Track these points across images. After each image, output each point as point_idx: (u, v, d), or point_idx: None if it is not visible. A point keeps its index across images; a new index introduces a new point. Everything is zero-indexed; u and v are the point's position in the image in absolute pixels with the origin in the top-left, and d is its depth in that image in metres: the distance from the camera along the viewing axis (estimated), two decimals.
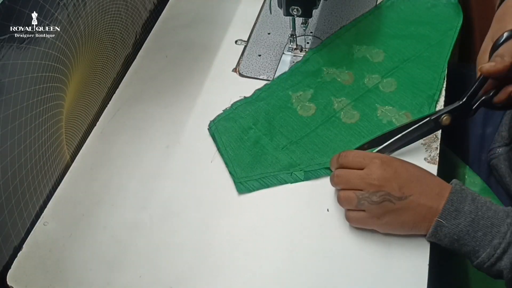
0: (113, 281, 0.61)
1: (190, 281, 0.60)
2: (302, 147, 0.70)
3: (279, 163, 0.69)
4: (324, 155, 0.69)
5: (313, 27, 0.87)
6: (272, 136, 0.71)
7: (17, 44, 0.59)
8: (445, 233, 0.56)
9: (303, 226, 0.64)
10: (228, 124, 0.73)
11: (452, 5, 0.85)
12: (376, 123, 0.72)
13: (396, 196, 0.58)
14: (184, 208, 0.67)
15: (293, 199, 0.66)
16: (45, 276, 0.62)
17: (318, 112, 0.73)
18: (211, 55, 0.84)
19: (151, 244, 0.64)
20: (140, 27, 0.90)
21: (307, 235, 0.63)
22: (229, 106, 0.75)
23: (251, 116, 0.74)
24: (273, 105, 0.75)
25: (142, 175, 0.70)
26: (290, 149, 0.70)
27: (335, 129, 0.72)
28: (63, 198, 0.69)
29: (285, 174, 0.68)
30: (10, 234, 0.63)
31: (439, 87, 0.75)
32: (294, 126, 0.72)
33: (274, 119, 0.73)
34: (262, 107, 0.75)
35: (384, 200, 0.58)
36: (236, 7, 0.92)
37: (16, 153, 0.62)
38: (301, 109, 0.74)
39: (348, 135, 0.71)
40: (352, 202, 0.60)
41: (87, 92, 0.78)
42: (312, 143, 0.70)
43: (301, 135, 0.71)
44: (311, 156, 0.69)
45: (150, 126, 0.76)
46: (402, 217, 0.58)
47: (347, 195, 0.60)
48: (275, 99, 0.76)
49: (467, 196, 0.57)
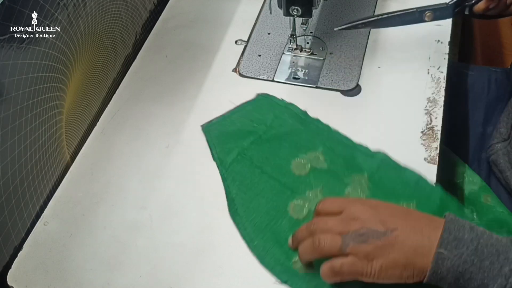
0: (113, 281, 0.61)
1: (190, 281, 0.60)
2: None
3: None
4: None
5: (313, 27, 0.87)
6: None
7: (17, 44, 0.59)
8: (448, 267, 0.49)
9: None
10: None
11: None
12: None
13: (380, 231, 0.52)
14: (184, 208, 0.67)
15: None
16: (45, 276, 0.62)
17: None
18: (211, 55, 0.84)
19: (151, 244, 0.64)
20: (140, 27, 0.90)
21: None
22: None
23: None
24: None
25: (142, 175, 0.70)
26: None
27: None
28: (63, 198, 0.69)
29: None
30: (10, 234, 0.63)
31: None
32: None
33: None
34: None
35: (369, 237, 0.52)
36: (236, 7, 0.92)
37: (16, 153, 0.62)
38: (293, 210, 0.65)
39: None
40: (336, 244, 0.53)
41: (87, 92, 0.78)
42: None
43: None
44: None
45: (150, 126, 0.76)
46: (391, 254, 0.51)
47: (329, 237, 0.54)
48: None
49: (465, 225, 0.51)
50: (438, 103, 0.74)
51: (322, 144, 0.69)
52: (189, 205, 0.67)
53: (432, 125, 0.71)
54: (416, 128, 0.71)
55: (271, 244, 0.62)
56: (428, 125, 0.71)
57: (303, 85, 0.79)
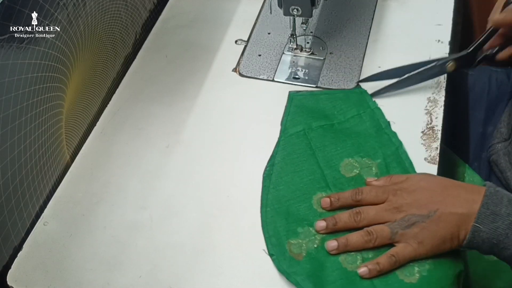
0: (113, 281, 0.61)
1: (190, 281, 0.60)
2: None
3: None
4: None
5: (313, 27, 0.87)
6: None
7: (17, 44, 0.59)
8: (484, 238, 0.55)
9: None
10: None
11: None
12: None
13: (423, 215, 0.57)
14: (184, 208, 0.67)
15: None
16: (45, 276, 0.62)
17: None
18: (211, 55, 0.84)
19: (151, 244, 0.64)
20: (140, 27, 0.90)
21: None
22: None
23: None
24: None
25: (142, 175, 0.70)
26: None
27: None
28: (63, 198, 0.69)
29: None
30: (10, 234, 0.63)
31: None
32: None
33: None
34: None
35: (415, 222, 0.57)
36: (236, 7, 0.92)
37: (16, 153, 0.62)
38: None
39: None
40: (386, 233, 0.58)
41: (87, 92, 0.78)
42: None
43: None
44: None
45: (150, 126, 0.76)
46: (438, 232, 0.56)
47: (379, 228, 0.59)
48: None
49: (503, 198, 0.55)
50: (438, 103, 0.73)
51: (382, 157, 0.67)
52: (189, 205, 0.67)
53: (432, 125, 0.71)
54: (416, 128, 0.71)
55: (280, 218, 0.63)
56: (429, 125, 0.71)
57: (303, 85, 0.79)
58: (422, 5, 0.87)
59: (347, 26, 0.86)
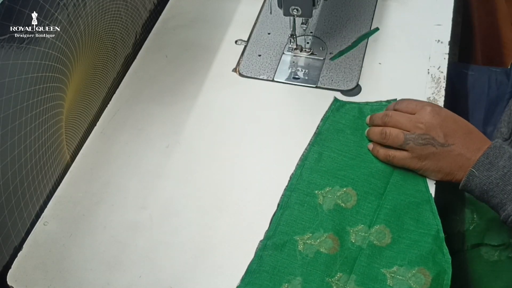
0: (113, 281, 0.61)
1: (190, 281, 0.60)
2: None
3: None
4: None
5: (313, 27, 0.87)
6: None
7: (17, 44, 0.59)
8: (476, 184, 0.60)
9: None
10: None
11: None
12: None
13: (439, 142, 0.62)
14: (184, 208, 0.67)
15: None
16: (45, 276, 0.62)
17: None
18: (211, 55, 0.84)
19: (151, 244, 0.64)
20: (140, 27, 0.90)
21: None
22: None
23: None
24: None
25: (142, 175, 0.70)
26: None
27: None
28: (63, 198, 0.69)
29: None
30: (10, 234, 0.63)
31: (437, 218, 0.63)
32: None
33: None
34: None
35: (428, 143, 0.62)
36: (236, 7, 0.92)
37: (16, 153, 0.62)
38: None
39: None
40: (399, 140, 0.64)
41: (87, 92, 0.78)
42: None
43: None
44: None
45: (150, 126, 0.76)
46: (440, 162, 0.63)
47: (395, 133, 0.65)
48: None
49: (505, 153, 0.60)
50: (438, 103, 0.74)
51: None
52: (189, 205, 0.67)
53: None
54: None
55: (303, 202, 0.65)
56: None
57: (303, 85, 0.79)
58: (422, 5, 0.87)
59: (347, 26, 0.86)
